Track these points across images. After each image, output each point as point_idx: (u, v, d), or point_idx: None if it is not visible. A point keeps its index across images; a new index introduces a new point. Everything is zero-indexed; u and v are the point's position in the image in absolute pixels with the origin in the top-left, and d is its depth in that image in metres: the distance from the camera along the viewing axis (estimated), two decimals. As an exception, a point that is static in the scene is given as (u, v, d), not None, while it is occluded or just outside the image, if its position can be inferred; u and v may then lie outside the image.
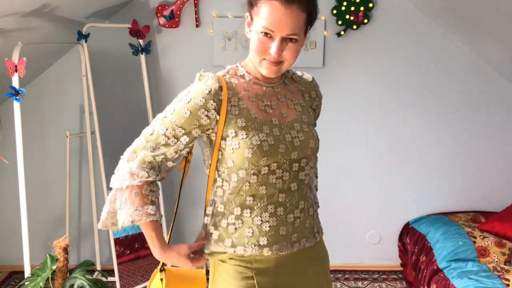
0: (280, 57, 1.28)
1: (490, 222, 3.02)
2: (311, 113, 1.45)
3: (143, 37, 2.93)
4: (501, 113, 3.26)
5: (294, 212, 1.35)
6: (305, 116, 1.41)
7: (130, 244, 3.03)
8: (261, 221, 1.32)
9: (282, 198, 1.33)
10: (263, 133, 1.31)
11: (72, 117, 3.23)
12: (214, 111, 1.31)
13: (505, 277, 2.53)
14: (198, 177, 3.30)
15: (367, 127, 3.25)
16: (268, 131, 1.32)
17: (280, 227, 1.33)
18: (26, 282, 2.02)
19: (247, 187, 1.32)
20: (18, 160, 2.24)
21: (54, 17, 2.49)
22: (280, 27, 1.24)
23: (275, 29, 1.24)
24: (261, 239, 1.32)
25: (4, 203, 3.34)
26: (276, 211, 1.33)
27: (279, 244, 1.34)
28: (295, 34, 1.26)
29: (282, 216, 1.34)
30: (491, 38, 2.71)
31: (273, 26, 1.24)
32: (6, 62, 2.21)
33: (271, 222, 1.32)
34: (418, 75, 3.19)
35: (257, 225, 1.32)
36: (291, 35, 1.25)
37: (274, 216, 1.33)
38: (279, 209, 1.33)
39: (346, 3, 3.00)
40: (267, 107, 1.35)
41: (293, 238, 1.36)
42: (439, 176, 3.34)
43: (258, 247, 1.32)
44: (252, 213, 1.33)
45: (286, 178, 1.33)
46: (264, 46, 1.27)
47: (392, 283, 3.30)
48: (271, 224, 1.33)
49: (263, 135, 1.30)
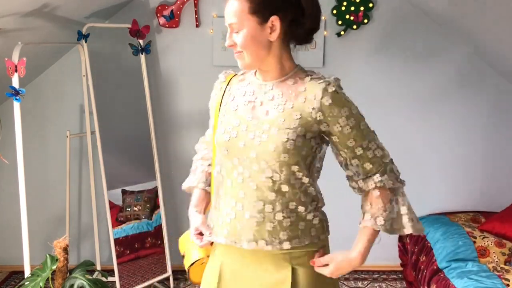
0: (234, 44, 1.34)
1: (490, 222, 3.02)
2: (298, 117, 1.33)
3: (143, 37, 2.93)
4: (501, 113, 3.26)
5: (250, 211, 1.35)
6: (286, 119, 1.33)
7: (130, 244, 3.03)
8: (223, 205, 1.41)
9: (241, 194, 1.36)
10: (230, 125, 1.38)
11: (72, 117, 3.23)
12: (214, 100, 1.51)
13: (505, 277, 2.53)
14: (198, 177, 3.32)
15: (367, 127, 3.25)
16: (238, 123, 1.37)
17: (235, 222, 1.37)
18: (26, 282, 2.02)
19: (222, 173, 1.44)
20: (18, 160, 2.24)
21: (54, 17, 2.49)
22: (225, 17, 1.34)
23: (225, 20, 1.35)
24: (219, 230, 1.42)
25: (4, 203, 3.34)
26: (235, 204, 1.37)
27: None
28: (233, 23, 1.31)
29: (240, 210, 1.37)
30: (491, 38, 2.71)
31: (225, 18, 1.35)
32: (6, 62, 2.21)
33: (229, 214, 1.39)
34: (418, 75, 3.19)
35: (220, 215, 1.42)
36: (230, 24, 1.33)
37: (232, 209, 1.38)
38: (238, 204, 1.37)
39: (346, 3, 3.00)
40: (250, 103, 1.39)
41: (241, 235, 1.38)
42: (439, 176, 3.34)
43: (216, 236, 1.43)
44: (218, 202, 1.44)
45: (246, 175, 1.36)
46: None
47: (392, 283, 3.30)
48: (228, 217, 1.39)
49: (230, 127, 1.38)
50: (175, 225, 3.38)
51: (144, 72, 2.99)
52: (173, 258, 3.32)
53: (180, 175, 3.32)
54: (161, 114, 3.21)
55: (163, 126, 3.23)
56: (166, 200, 3.28)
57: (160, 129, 3.22)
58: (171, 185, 3.31)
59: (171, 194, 3.33)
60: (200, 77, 3.17)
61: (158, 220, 3.13)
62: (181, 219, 3.39)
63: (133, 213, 3.11)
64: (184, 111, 3.22)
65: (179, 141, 3.26)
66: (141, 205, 3.13)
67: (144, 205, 3.14)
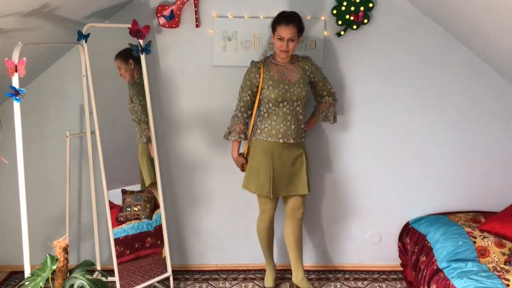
0: (287, 48, 2.76)
1: (490, 222, 3.02)
2: (306, 77, 2.89)
3: (143, 37, 2.93)
4: (501, 113, 3.26)
5: (289, 122, 2.85)
6: (301, 79, 2.85)
7: (130, 244, 3.03)
8: (275, 125, 2.86)
9: (284, 116, 2.85)
10: (280, 86, 2.81)
11: (72, 117, 3.23)
12: (256, 77, 2.86)
13: (505, 277, 2.53)
14: (197, 177, 3.32)
15: (367, 127, 3.25)
16: (282, 85, 2.81)
17: (282, 129, 2.85)
18: (26, 282, 2.02)
19: (271, 110, 2.85)
20: (18, 160, 2.24)
21: (54, 17, 2.49)
22: (286, 35, 2.73)
23: (284, 36, 2.73)
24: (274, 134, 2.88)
25: (4, 203, 3.34)
26: (282, 121, 2.85)
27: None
28: (292, 37, 2.74)
29: (284, 123, 2.85)
30: (491, 38, 2.71)
31: (283, 35, 2.73)
32: (6, 62, 2.21)
33: (280, 126, 2.85)
34: (418, 75, 3.19)
35: (273, 127, 2.86)
36: (289, 38, 2.74)
37: (280, 123, 2.84)
38: (284, 121, 2.84)
39: (346, 3, 3.00)
40: (282, 74, 2.85)
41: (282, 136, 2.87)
42: (439, 176, 3.34)
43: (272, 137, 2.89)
44: (272, 121, 2.86)
45: (288, 107, 2.84)
46: (280, 44, 2.76)
47: (392, 283, 3.31)
48: (280, 127, 2.85)
49: (279, 87, 2.81)
50: (175, 225, 3.38)
51: (144, 72, 2.99)
52: (173, 258, 3.32)
53: (180, 175, 3.34)
54: (161, 114, 3.21)
55: (163, 126, 3.23)
56: (166, 200, 3.28)
57: (160, 129, 3.22)
58: (171, 185, 3.31)
59: (171, 194, 3.33)
60: (200, 77, 3.17)
61: (158, 220, 3.13)
62: (181, 219, 3.39)
63: (133, 213, 3.11)
64: (184, 111, 3.22)
65: (179, 140, 3.26)
66: (141, 205, 3.13)
67: (144, 205, 3.14)
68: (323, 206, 3.41)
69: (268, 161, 2.85)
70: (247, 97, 2.86)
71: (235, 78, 2.99)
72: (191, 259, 3.47)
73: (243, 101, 2.87)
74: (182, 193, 3.35)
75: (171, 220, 3.33)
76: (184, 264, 3.47)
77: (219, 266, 3.48)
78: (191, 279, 3.35)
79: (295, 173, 2.92)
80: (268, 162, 2.85)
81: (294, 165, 2.91)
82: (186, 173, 3.31)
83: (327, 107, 3.01)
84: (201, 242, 3.44)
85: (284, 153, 2.86)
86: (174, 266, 3.33)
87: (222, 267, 3.47)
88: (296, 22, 2.73)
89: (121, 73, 3.01)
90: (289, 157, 2.88)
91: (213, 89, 3.18)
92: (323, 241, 3.47)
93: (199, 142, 3.26)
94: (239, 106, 2.89)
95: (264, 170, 2.87)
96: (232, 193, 3.31)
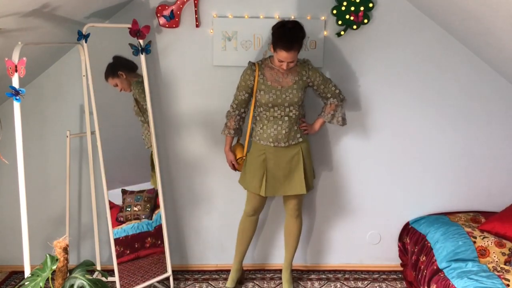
0: (287, 67, 2.78)
1: (490, 222, 3.02)
2: (302, 82, 2.87)
3: (143, 37, 2.93)
4: (501, 113, 3.26)
5: (280, 126, 2.88)
6: (296, 84, 2.85)
7: (130, 244, 3.03)
8: (266, 128, 2.90)
9: (275, 120, 2.88)
10: (271, 92, 2.83)
11: (72, 117, 3.23)
12: (250, 79, 2.88)
13: (505, 277, 2.53)
14: (197, 177, 3.32)
15: (366, 127, 3.25)
16: (273, 91, 2.83)
17: (273, 133, 2.89)
18: (26, 282, 2.02)
19: (263, 114, 2.91)
20: (18, 160, 2.24)
21: (54, 17, 2.49)
22: (286, 59, 2.72)
23: (284, 59, 2.72)
24: (266, 138, 2.91)
25: (4, 203, 3.34)
26: (273, 126, 2.88)
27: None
28: (293, 60, 2.74)
29: (275, 128, 2.88)
30: (490, 38, 2.71)
31: (283, 58, 2.72)
32: (6, 62, 2.21)
33: (271, 130, 2.88)
34: (418, 75, 3.19)
35: (264, 131, 2.90)
36: (290, 62, 2.75)
37: (271, 127, 2.88)
38: (275, 125, 2.87)
39: (346, 3, 3.00)
40: (276, 79, 2.85)
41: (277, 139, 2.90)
42: (439, 176, 3.34)
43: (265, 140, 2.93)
44: (264, 124, 2.91)
45: (279, 112, 2.87)
46: (279, 64, 2.77)
47: (392, 283, 3.31)
48: (270, 131, 2.88)
49: (271, 93, 2.83)
50: (175, 225, 3.38)
51: (144, 72, 2.99)
52: (173, 258, 3.32)
53: (180, 175, 3.34)
54: (161, 114, 3.21)
55: (163, 125, 3.23)
56: (166, 200, 3.28)
57: (160, 129, 3.22)
58: (171, 185, 3.31)
59: (171, 194, 3.33)
60: (200, 77, 3.17)
61: (158, 220, 3.13)
62: (181, 219, 3.39)
63: (133, 213, 3.11)
64: (184, 111, 3.22)
65: (179, 140, 3.26)
66: (141, 205, 3.13)
67: (144, 205, 3.14)
68: (323, 206, 3.41)
69: (261, 161, 2.91)
70: (241, 96, 2.91)
71: (235, 78, 2.99)
72: (191, 259, 3.47)
73: (237, 100, 2.93)
74: (182, 193, 3.35)
75: (171, 220, 3.33)
76: (184, 264, 3.47)
77: (219, 266, 3.48)
78: (191, 279, 3.35)
79: (292, 173, 2.94)
80: (260, 162, 2.91)
81: (291, 164, 2.93)
82: (186, 173, 3.31)
83: (333, 109, 2.96)
84: (201, 242, 3.44)
85: (278, 154, 2.90)
86: (174, 266, 3.33)
87: (222, 267, 3.47)
88: (297, 47, 2.68)
89: (120, 89, 2.99)
90: (284, 157, 2.91)
91: (213, 89, 3.18)
92: (323, 241, 3.47)
93: (199, 142, 3.26)
94: (233, 103, 2.95)
95: (254, 169, 2.93)
96: (232, 193, 3.31)
